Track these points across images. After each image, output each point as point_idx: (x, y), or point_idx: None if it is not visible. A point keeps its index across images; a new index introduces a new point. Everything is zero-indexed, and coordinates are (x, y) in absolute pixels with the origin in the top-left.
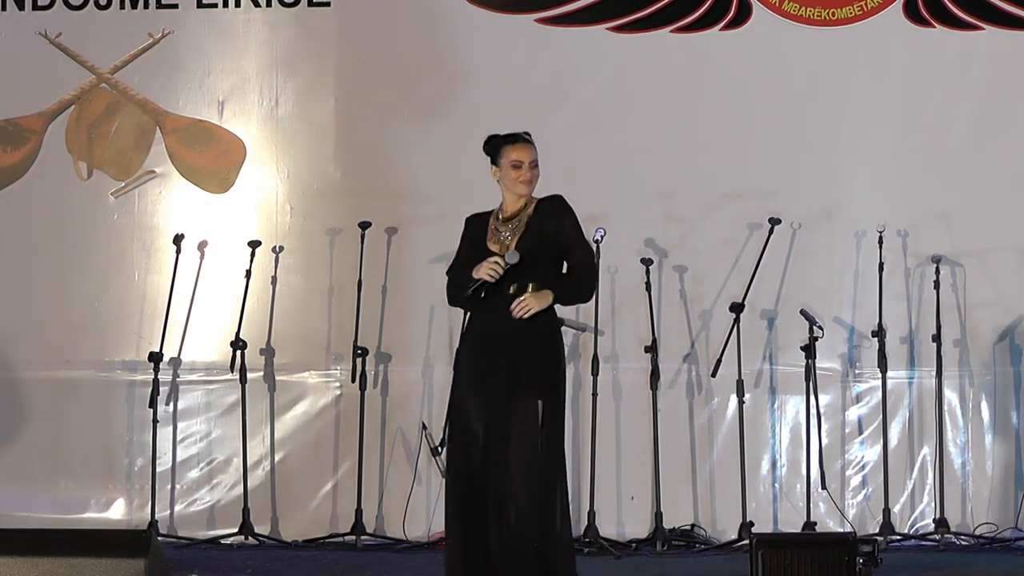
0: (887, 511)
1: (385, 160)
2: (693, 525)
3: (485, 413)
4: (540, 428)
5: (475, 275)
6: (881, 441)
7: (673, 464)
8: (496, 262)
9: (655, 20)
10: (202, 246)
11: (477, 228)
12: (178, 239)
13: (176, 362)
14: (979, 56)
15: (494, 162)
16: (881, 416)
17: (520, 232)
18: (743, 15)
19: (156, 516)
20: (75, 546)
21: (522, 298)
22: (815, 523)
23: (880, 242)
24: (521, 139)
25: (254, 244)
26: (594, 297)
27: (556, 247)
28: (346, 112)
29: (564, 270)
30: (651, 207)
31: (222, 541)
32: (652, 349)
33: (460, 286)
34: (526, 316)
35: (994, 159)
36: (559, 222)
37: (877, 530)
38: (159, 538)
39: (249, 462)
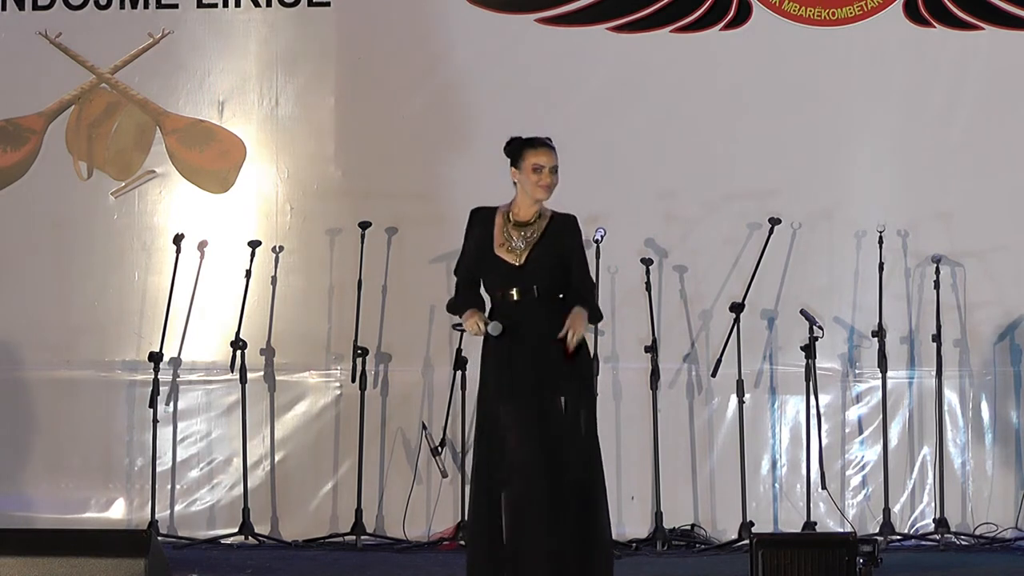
0: (887, 511)
1: (385, 160)
2: (693, 525)
3: (518, 419)
4: (575, 429)
5: (463, 322)
6: (881, 441)
7: (673, 464)
8: (479, 326)
9: (655, 20)
10: (202, 246)
11: (484, 227)
12: (178, 239)
13: (176, 362)
14: (979, 56)
15: (514, 164)
16: (881, 416)
17: (534, 243)
18: (743, 15)
19: (156, 516)
20: (75, 546)
21: (571, 328)
22: (815, 523)
23: (880, 242)
24: (543, 144)
25: (254, 244)
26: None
27: (563, 266)
28: (346, 112)
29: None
30: (651, 207)
31: (222, 541)
32: (652, 349)
33: (456, 307)
34: (578, 337)
35: (994, 159)
36: (572, 247)
37: (877, 530)
38: (159, 538)
39: (249, 462)
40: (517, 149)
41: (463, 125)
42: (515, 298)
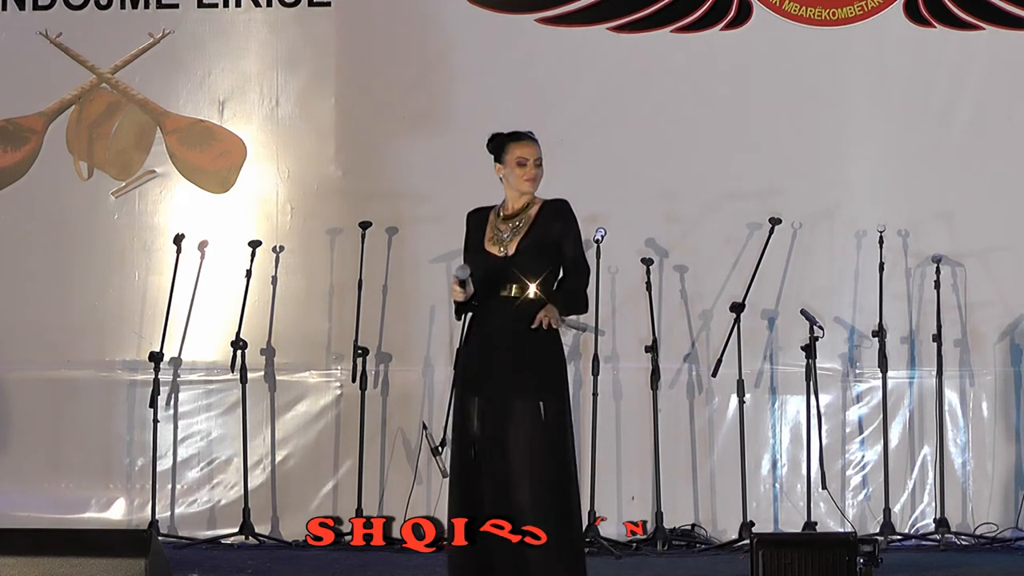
0: (887, 511)
1: (385, 160)
2: (693, 525)
3: (484, 415)
4: (543, 431)
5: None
6: (881, 441)
7: (673, 464)
8: (455, 292)
9: (655, 20)
10: (202, 246)
11: (477, 228)
12: (178, 239)
13: (176, 362)
14: (979, 56)
15: (498, 159)
16: (881, 416)
17: (522, 233)
18: (743, 15)
19: (156, 516)
20: (75, 546)
21: (545, 313)
22: (815, 523)
23: (880, 242)
24: (526, 136)
25: (254, 244)
26: (594, 297)
27: (556, 252)
28: (346, 112)
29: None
30: (651, 207)
31: (222, 541)
32: (652, 349)
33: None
34: (554, 325)
35: (994, 159)
36: (563, 230)
37: (878, 530)
38: (159, 538)
39: (249, 462)
40: (500, 144)
41: (463, 125)
42: (501, 293)
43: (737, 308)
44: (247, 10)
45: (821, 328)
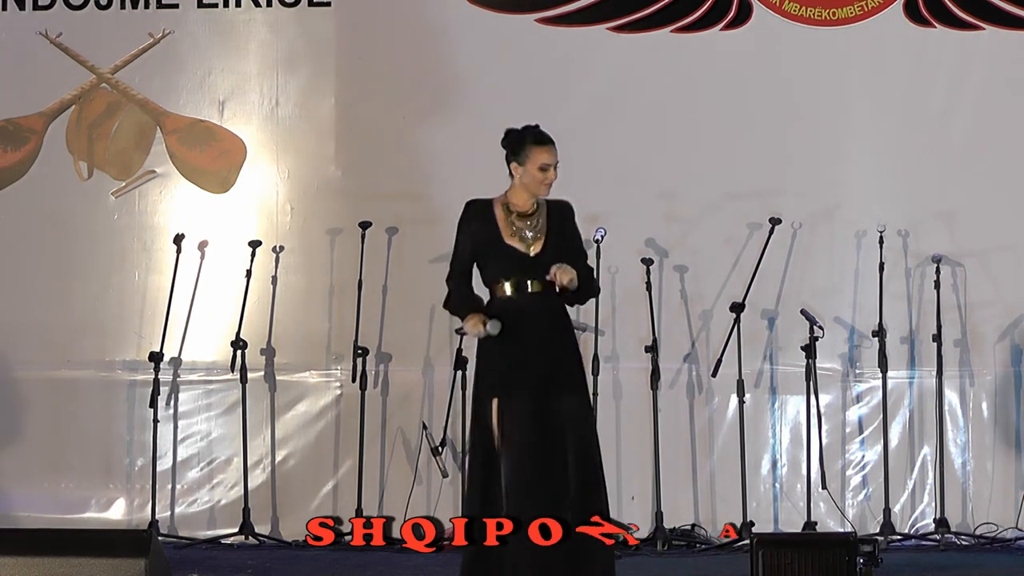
0: (887, 511)
1: (385, 160)
2: (693, 525)
3: (518, 414)
4: (577, 427)
5: (464, 326)
6: (881, 441)
7: (673, 464)
8: (478, 329)
9: (655, 20)
10: (202, 246)
11: (484, 219)
12: (178, 239)
13: (176, 362)
14: (979, 56)
15: (516, 158)
16: (881, 416)
17: (544, 232)
18: (743, 15)
19: (156, 516)
20: (75, 546)
21: (564, 271)
22: (815, 523)
23: (880, 242)
24: (548, 140)
25: (254, 244)
26: (594, 297)
27: (569, 252)
28: (346, 112)
29: None
30: (651, 207)
31: (222, 541)
32: (652, 349)
33: (456, 309)
34: (565, 282)
35: (994, 159)
36: (572, 233)
37: (877, 530)
38: (159, 538)
39: (249, 462)
40: (520, 144)
41: (463, 125)
42: (530, 290)
43: (737, 308)
44: (247, 10)
45: (821, 328)
